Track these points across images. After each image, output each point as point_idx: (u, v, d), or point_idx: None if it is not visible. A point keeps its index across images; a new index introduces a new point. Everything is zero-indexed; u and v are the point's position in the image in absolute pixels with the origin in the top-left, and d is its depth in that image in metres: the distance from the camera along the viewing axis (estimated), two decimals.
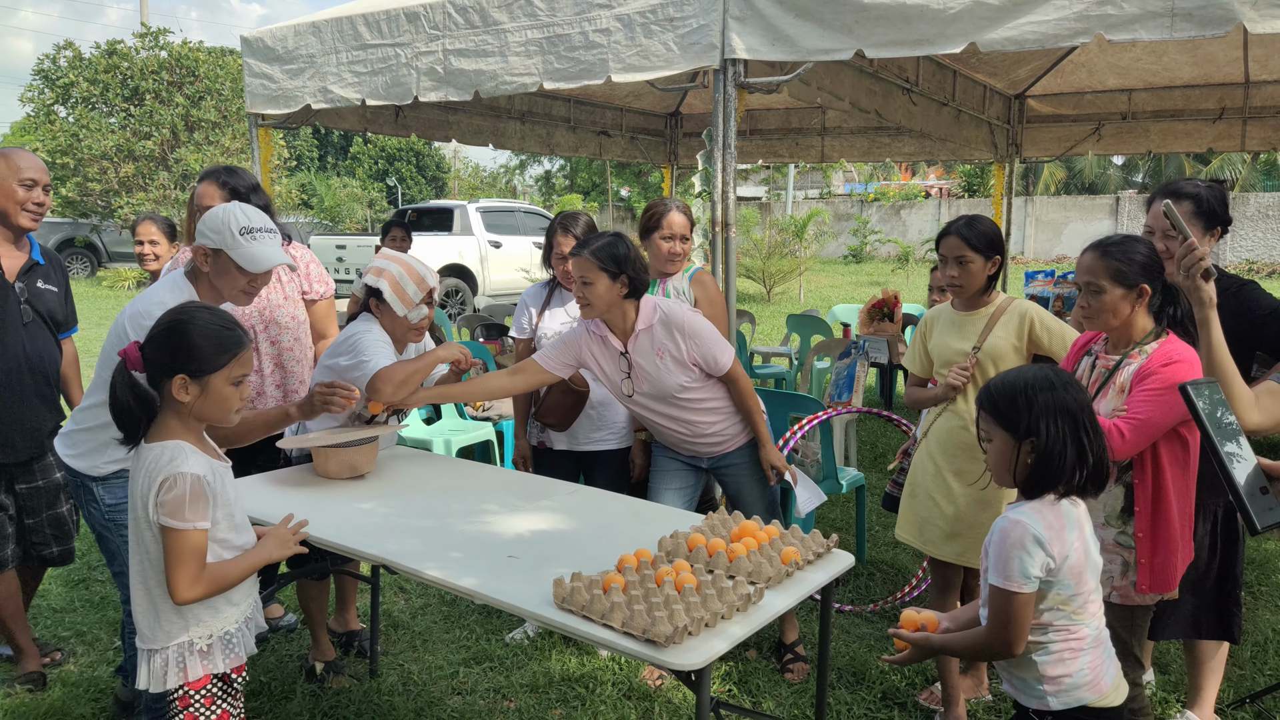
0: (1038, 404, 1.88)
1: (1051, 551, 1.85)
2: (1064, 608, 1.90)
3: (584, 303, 3.03)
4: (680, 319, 3.06)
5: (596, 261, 2.96)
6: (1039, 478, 1.90)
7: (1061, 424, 1.87)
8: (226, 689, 2.15)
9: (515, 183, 35.73)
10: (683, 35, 3.98)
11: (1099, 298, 2.43)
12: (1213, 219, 2.85)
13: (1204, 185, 2.89)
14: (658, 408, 3.17)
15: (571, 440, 3.62)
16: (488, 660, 3.55)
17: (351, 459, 3.00)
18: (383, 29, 4.89)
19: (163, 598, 2.05)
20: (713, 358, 3.09)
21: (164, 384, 2.05)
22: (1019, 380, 1.93)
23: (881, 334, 6.97)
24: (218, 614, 2.12)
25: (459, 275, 14.62)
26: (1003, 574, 1.87)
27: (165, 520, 1.99)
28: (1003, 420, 1.92)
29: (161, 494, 1.99)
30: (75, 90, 20.41)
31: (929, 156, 9.04)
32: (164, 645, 2.08)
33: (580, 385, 3.50)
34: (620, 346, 3.11)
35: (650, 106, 8.74)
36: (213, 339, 2.07)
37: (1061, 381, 1.92)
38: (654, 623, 1.91)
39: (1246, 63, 6.76)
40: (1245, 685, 3.36)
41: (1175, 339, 2.43)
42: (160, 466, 2.01)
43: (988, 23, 3.45)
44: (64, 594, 4.15)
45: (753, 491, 3.31)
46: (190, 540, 2.01)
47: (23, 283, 3.26)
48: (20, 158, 3.21)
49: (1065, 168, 29.45)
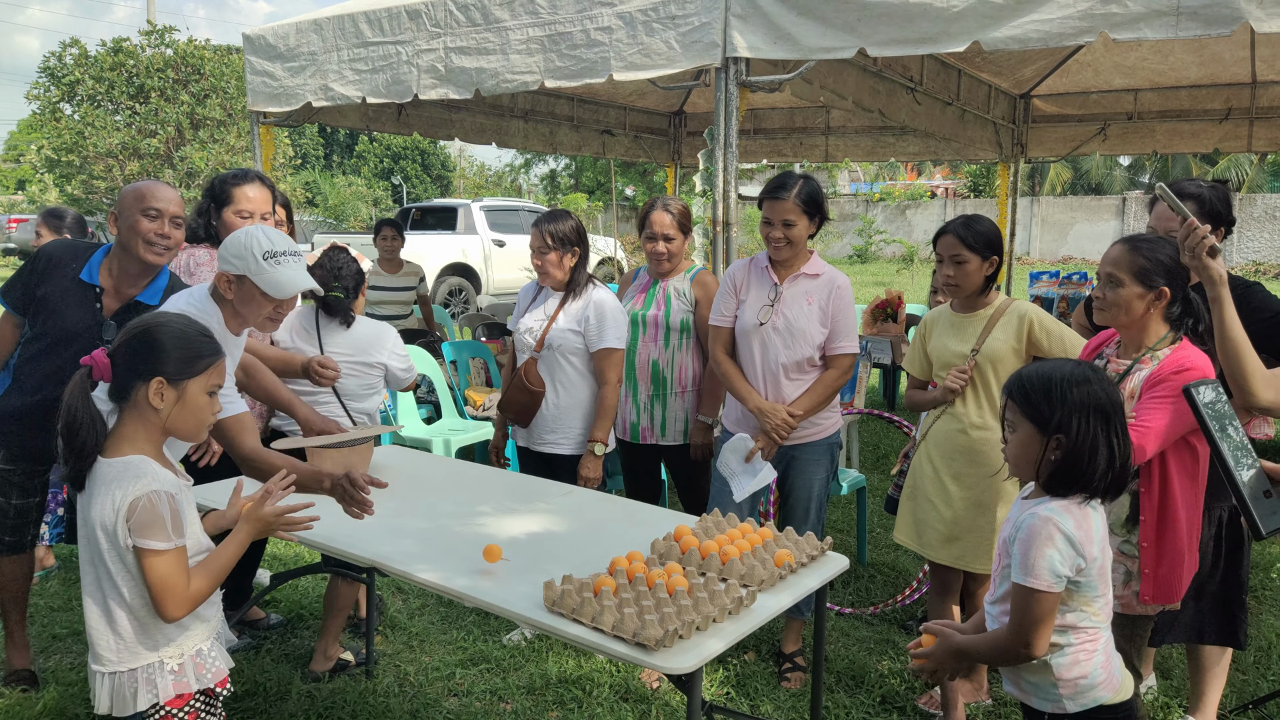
0: (1071, 399, 1.82)
1: (1083, 552, 1.80)
2: (1087, 608, 1.86)
3: (781, 243, 3.25)
4: (844, 283, 3.33)
5: (801, 205, 3.21)
6: (1065, 476, 1.83)
7: (1094, 423, 1.81)
8: (209, 704, 2.09)
9: (520, 181, 35.73)
10: (684, 33, 3.96)
11: (1115, 291, 2.38)
12: (1216, 219, 2.83)
13: (1207, 185, 2.86)
14: (771, 347, 3.28)
15: (528, 438, 3.63)
16: (485, 662, 3.53)
17: (347, 460, 2.98)
18: (384, 26, 4.88)
19: (126, 619, 1.96)
20: (847, 330, 3.29)
21: (136, 390, 1.94)
22: (1055, 372, 1.86)
23: (885, 335, 6.93)
24: (187, 632, 2.03)
25: (462, 274, 14.62)
26: (1030, 572, 1.80)
27: (146, 543, 1.87)
28: (1032, 412, 1.86)
29: (136, 516, 1.87)
30: (81, 88, 20.42)
31: (933, 156, 9.00)
32: (130, 667, 1.97)
33: (535, 384, 3.50)
34: (776, 280, 3.31)
35: (654, 105, 8.72)
36: (191, 343, 1.99)
37: (1098, 377, 1.86)
38: (644, 626, 1.89)
39: (1254, 62, 6.71)
40: (1249, 691, 3.33)
41: (1189, 345, 2.38)
42: (126, 485, 1.89)
43: (991, 21, 3.42)
44: (61, 592, 4.14)
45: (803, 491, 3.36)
46: (177, 559, 1.91)
47: (116, 321, 3.07)
48: (149, 189, 3.03)
49: (1071, 168, 29.34)
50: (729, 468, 3.31)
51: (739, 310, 3.38)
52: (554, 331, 3.51)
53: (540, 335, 3.53)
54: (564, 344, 3.50)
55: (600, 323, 3.48)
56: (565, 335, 3.50)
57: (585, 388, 3.55)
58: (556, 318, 3.53)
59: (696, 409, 3.83)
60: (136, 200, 3.01)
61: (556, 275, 3.53)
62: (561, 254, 3.51)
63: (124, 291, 3.12)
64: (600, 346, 3.48)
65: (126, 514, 1.88)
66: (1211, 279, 2.12)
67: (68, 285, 3.08)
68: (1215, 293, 2.13)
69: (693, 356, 3.83)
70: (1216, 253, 2.10)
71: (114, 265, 3.11)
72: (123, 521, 1.89)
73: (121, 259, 3.09)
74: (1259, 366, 2.13)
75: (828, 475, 3.42)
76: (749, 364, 3.35)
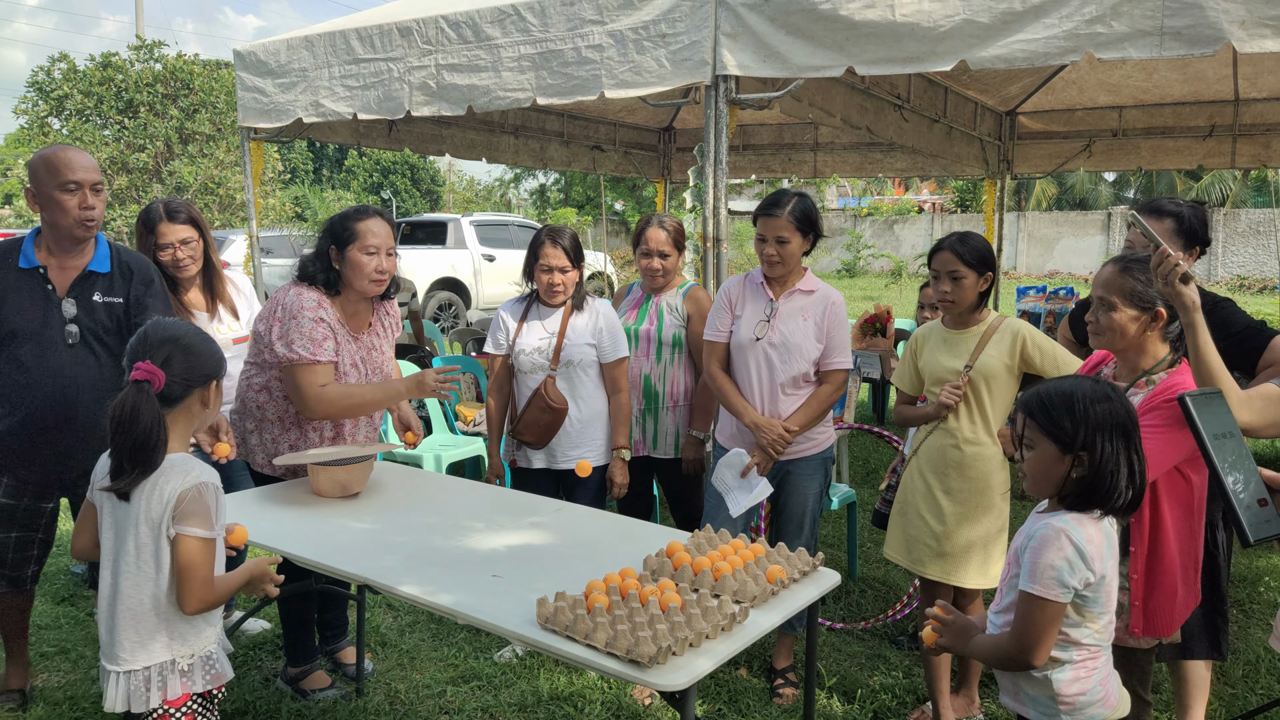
0: (1094, 416, 1.81)
1: (1094, 567, 1.80)
2: (1091, 625, 1.87)
3: (775, 260, 3.27)
4: (838, 300, 3.38)
5: (795, 222, 3.25)
6: (1087, 493, 1.83)
7: (1117, 441, 1.81)
8: (206, 705, 2.14)
9: (510, 196, 35.77)
10: (675, 51, 3.99)
11: (1109, 315, 2.35)
12: (1192, 238, 2.86)
13: (1186, 205, 2.89)
14: (768, 362, 3.31)
15: (550, 458, 3.60)
16: (476, 679, 3.52)
17: (341, 478, 2.97)
18: (375, 43, 4.89)
19: (151, 615, 2.04)
20: (841, 346, 3.34)
21: (192, 394, 2.10)
22: (1075, 390, 1.85)
23: (874, 349, 6.96)
24: (200, 633, 2.12)
25: (452, 289, 14.62)
26: (1038, 580, 1.80)
27: (193, 530, 2.00)
28: (1054, 429, 1.84)
29: (185, 505, 2.00)
30: (69, 103, 20.36)
31: (921, 172, 9.07)
32: (145, 665, 2.05)
33: (558, 403, 3.49)
34: (771, 295, 3.34)
35: (643, 121, 8.76)
36: (209, 343, 2.18)
37: (1117, 394, 1.86)
38: (637, 643, 1.89)
39: (1236, 80, 6.79)
40: (1237, 705, 3.34)
41: (1187, 369, 2.33)
42: (177, 480, 2.01)
43: (978, 41, 3.46)
44: (49, 610, 4.11)
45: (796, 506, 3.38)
46: (210, 550, 2.04)
47: (73, 297, 3.04)
48: (61, 159, 2.92)
49: (1057, 184, 29.56)
50: (725, 483, 3.32)
51: (734, 326, 3.39)
52: (570, 347, 3.53)
53: (554, 352, 3.53)
54: (583, 358, 3.53)
55: (613, 334, 3.58)
56: (582, 349, 3.53)
57: (601, 399, 3.60)
58: (565, 333, 3.54)
59: (689, 423, 3.84)
60: (50, 174, 2.91)
61: (569, 292, 3.59)
62: (579, 271, 3.60)
63: (69, 265, 3.05)
64: (616, 357, 3.58)
65: (175, 504, 2.00)
66: (1185, 305, 2.12)
67: (12, 279, 3.01)
68: (1189, 319, 2.12)
69: (684, 371, 3.84)
70: (1189, 279, 2.11)
71: (49, 243, 3.04)
72: (169, 513, 2.01)
73: (53, 235, 3.02)
74: (1235, 389, 2.13)
75: (821, 490, 3.43)
76: (745, 379, 3.36)
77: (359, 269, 3.07)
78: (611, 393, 3.61)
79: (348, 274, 3.10)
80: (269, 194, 20.94)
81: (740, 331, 3.36)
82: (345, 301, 3.16)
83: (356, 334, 3.20)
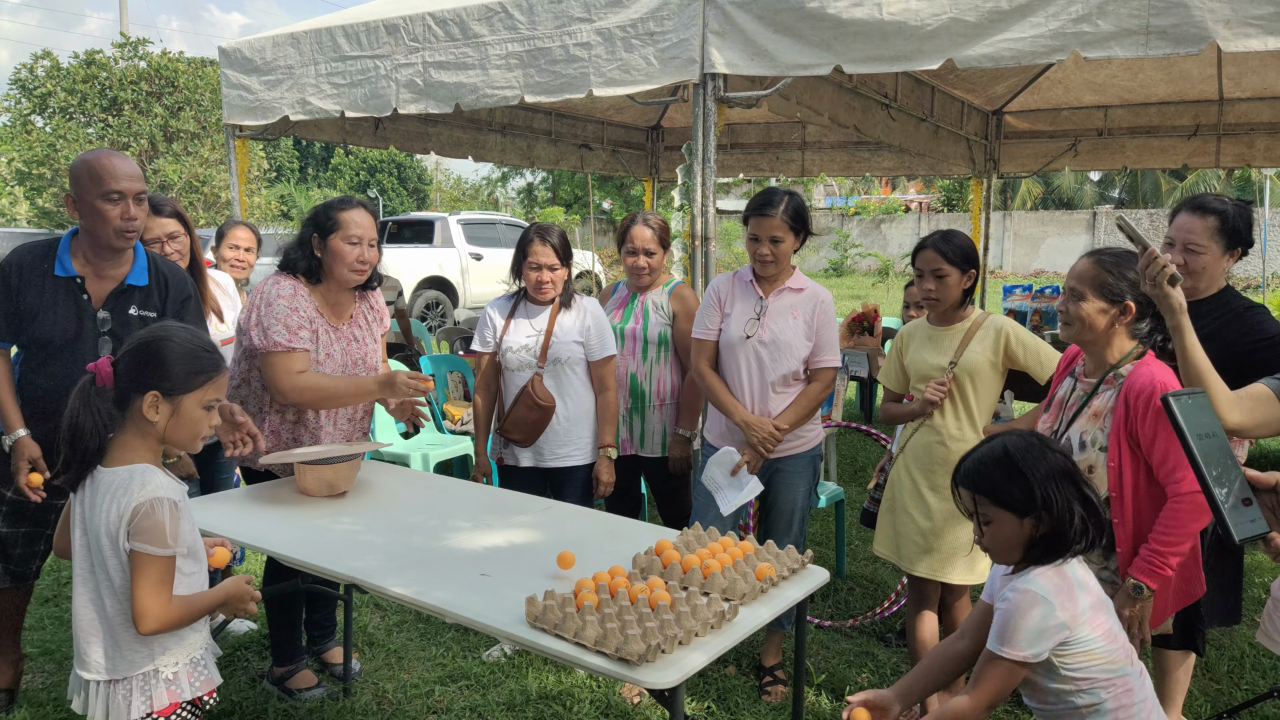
0: (1038, 473, 1.80)
1: (1063, 619, 1.79)
2: (1089, 660, 1.84)
3: (768, 259, 3.27)
4: (827, 298, 3.38)
5: (788, 221, 3.25)
6: (1050, 548, 1.82)
7: (1065, 488, 1.80)
8: (195, 713, 2.10)
9: (497, 195, 35.70)
10: (663, 50, 3.99)
11: (1078, 305, 2.37)
12: (1235, 238, 2.78)
13: (1231, 203, 2.81)
14: (757, 360, 3.30)
15: (537, 456, 3.60)
16: (464, 678, 3.51)
17: (329, 477, 2.96)
18: (362, 41, 4.87)
19: (124, 626, 1.99)
20: (830, 344, 3.34)
21: (133, 401, 1.99)
22: (1006, 454, 1.84)
23: (861, 348, 6.98)
24: (183, 641, 2.07)
25: (439, 287, 14.59)
26: (1006, 641, 1.80)
27: (144, 547, 1.92)
28: (1004, 499, 1.83)
29: (137, 520, 1.92)
30: (53, 100, 20.21)
31: (908, 171, 9.09)
32: (125, 675, 2.01)
33: (545, 401, 3.49)
34: (761, 294, 3.33)
35: (631, 120, 8.75)
36: (190, 359, 2.02)
37: (1041, 441, 1.85)
38: (627, 641, 1.89)
39: (1220, 80, 6.84)
40: (1223, 700, 3.36)
41: (1153, 360, 2.36)
42: (131, 492, 1.95)
43: (965, 40, 3.47)
44: (33, 610, 4.07)
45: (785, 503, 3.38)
46: (166, 568, 1.96)
47: (108, 310, 2.98)
48: (105, 167, 2.83)
49: (1042, 183, 29.72)
50: (714, 482, 3.32)
51: (724, 324, 3.39)
52: (557, 345, 3.52)
53: (541, 350, 3.53)
54: (570, 356, 3.52)
55: (601, 332, 3.58)
56: (570, 347, 3.52)
57: (588, 397, 3.59)
58: (553, 331, 3.54)
59: (675, 422, 3.84)
60: (94, 182, 2.84)
61: (558, 290, 3.59)
62: (567, 269, 3.59)
63: (106, 275, 2.98)
64: (603, 355, 3.58)
65: (129, 519, 1.93)
66: (1171, 308, 2.11)
67: (47, 287, 2.94)
68: (1175, 321, 2.11)
69: (671, 369, 3.84)
70: (1176, 281, 2.10)
71: (86, 250, 2.97)
72: (124, 527, 1.94)
73: (91, 243, 2.94)
74: (1224, 390, 2.13)
75: (810, 488, 3.44)
76: (734, 377, 3.36)
77: (340, 257, 3.08)
78: (598, 391, 3.60)
79: (329, 262, 3.11)
80: (254, 192, 20.84)
81: (730, 330, 3.36)
82: (326, 291, 3.17)
83: (337, 324, 3.19)
